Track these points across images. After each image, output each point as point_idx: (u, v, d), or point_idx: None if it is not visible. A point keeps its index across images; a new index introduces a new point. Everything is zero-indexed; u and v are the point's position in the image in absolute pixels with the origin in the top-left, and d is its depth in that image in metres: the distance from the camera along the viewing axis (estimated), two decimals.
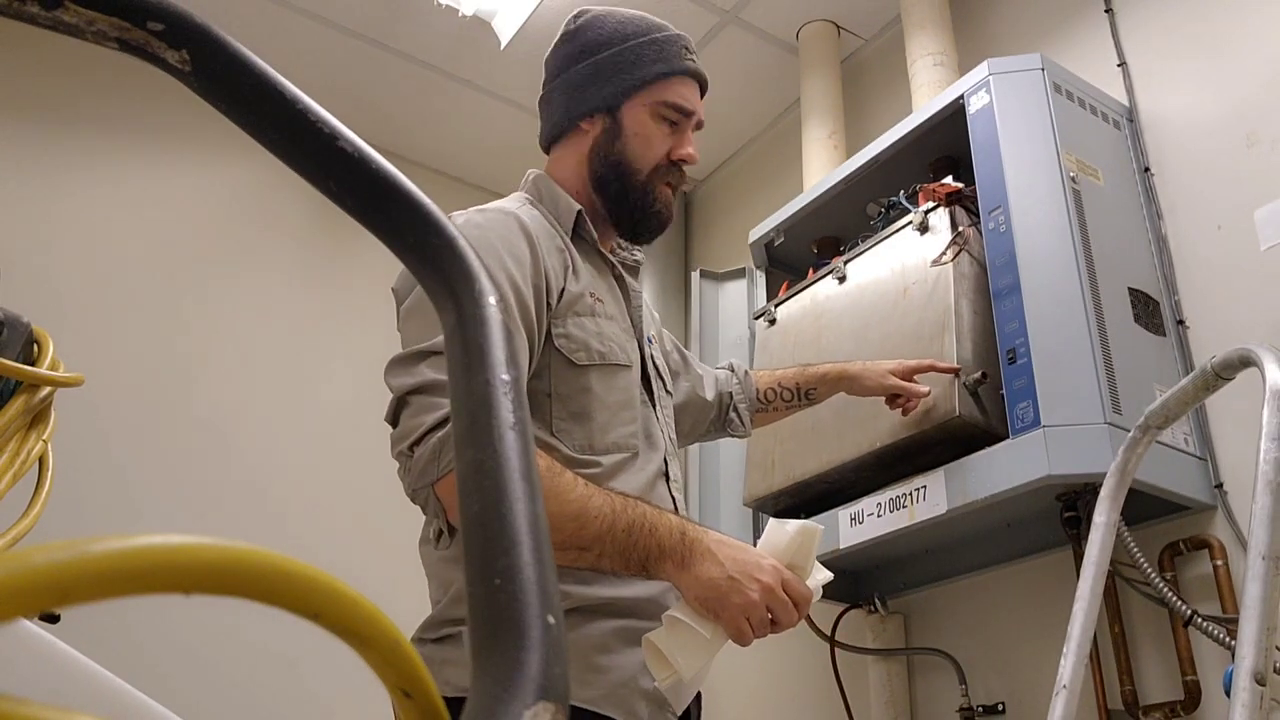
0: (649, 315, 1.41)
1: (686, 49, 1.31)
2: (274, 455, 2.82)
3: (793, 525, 1.06)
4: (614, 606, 1.11)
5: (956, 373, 1.71)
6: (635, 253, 1.39)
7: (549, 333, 1.16)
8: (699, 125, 1.33)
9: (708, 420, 1.58)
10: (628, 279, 1.34)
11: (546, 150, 1.36)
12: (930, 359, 1.71)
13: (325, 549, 2.65)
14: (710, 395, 1.56)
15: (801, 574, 1.05)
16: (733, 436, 1.65)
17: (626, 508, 1.03)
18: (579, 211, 1.27)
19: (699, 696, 1.21)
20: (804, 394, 1.64)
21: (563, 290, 1.18)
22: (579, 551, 1.01)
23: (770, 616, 1.01)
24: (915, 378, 1.66)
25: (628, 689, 1.08)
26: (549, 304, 1.16)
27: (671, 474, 1.26)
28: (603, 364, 1.19)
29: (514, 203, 1.25)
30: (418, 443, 1.03)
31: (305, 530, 2.71)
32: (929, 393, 1.69)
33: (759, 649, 1.08)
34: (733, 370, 1.65)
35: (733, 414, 1.60)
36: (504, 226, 1.17)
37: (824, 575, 1.08)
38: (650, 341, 1.34)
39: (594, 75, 1.29)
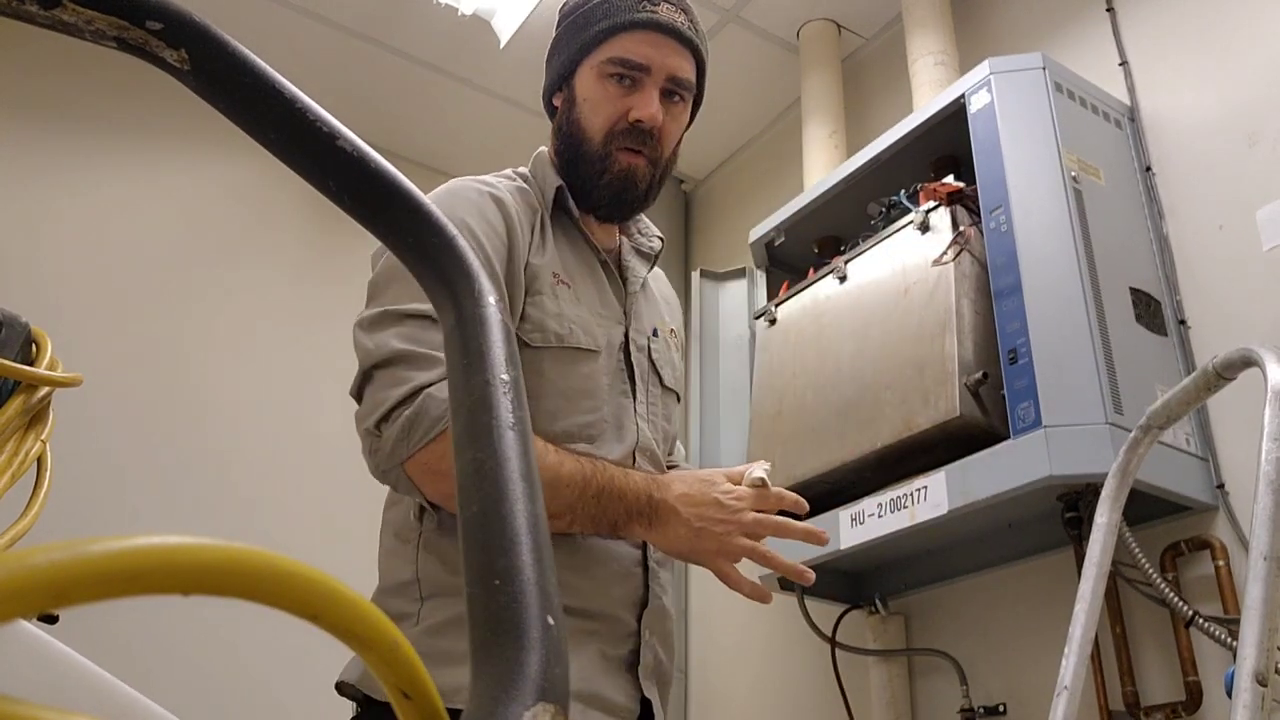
0: (661, 308, 1.34)
1: (649, 1, 1.19)
2: (273, 455, 2.82)
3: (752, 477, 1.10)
4: None
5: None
6: (653, 239, 1.33)
7: None
8: (677, 82, 1.19)
9: None
10: (631, 264, 1.27)
11: None
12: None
13: (325, 549, 2.64)
14: None
15: None
16: None
17: (596, 473, 1.01)
18: (559, 187, 1.21)
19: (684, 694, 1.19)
20: None
21: (526, 264, 1.13)
22: (551, 520, 0.96)
23: (749, 542, 1.04)
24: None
25: None
26: (522, 279, 1.12)
27: (640, 469, 1.16)
28: (559, 347, 1.12)
29: (504, 177, 1.22)
30: (384, 419, 0.99)
31: (304, 530, 2.71)
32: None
33: (759, 650, 1.09)
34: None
35: None
36: (476, 194, 1.13)
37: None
38: (655, 334, 1.27)
39: (555, 49, 1.25)
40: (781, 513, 1.13)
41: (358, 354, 1.04)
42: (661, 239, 1.35)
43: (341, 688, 1.07)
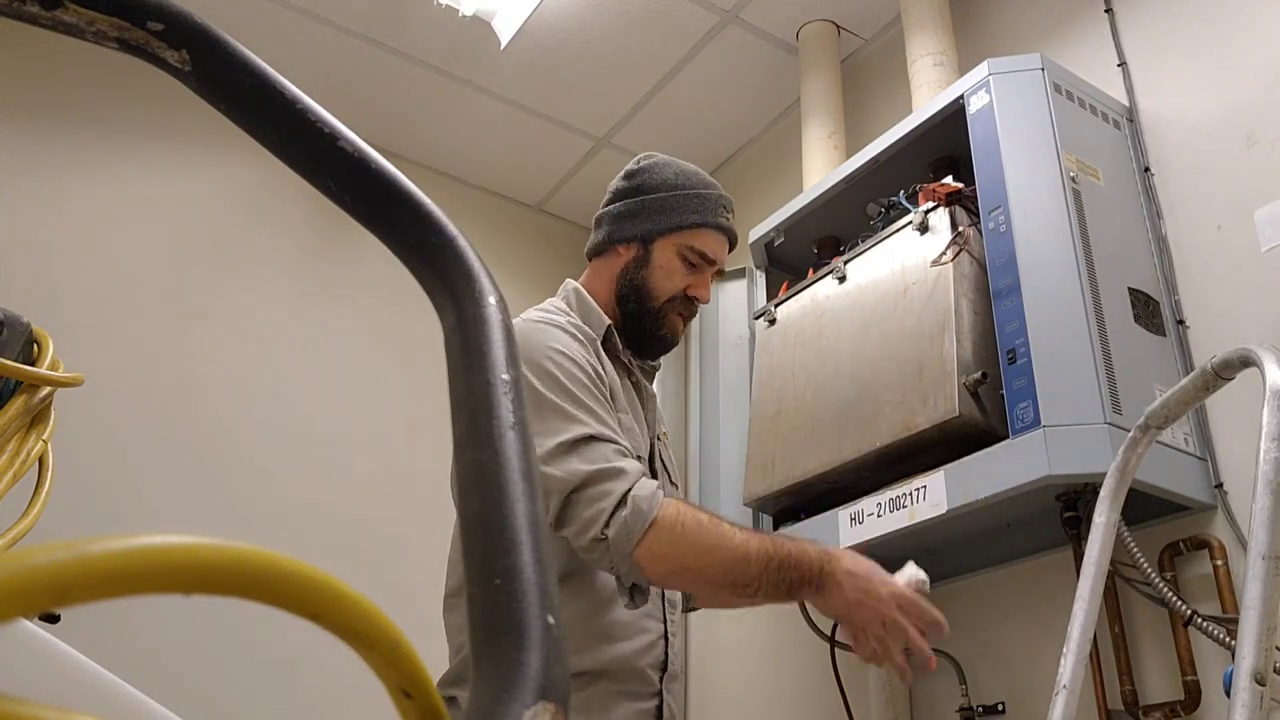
0: (658, 414, 1.55)
1: (725, 208, 1.50)
2: (275, 455, 2.82)
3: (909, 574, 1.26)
4: (600, 672, 1.24)
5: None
6: (655, 361, 1.55)
7: None
8: (720, 272, 1.52)
9: None
10: (643, 383, 1.50)
11: (589, 259, 1.54)
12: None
13: (325, 549, 2.64)
14: None
15: None
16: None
17: (776, 548, 1.19)
18: (609, 325, 1.44)
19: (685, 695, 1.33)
20: None
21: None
22: (741, 588, 1.18)
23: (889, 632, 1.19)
24: None
25: None
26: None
27: None
28: None
29: (556, 313, 1.42)
30: (606, 526, 1.17)
31: (305, 530, 2.71)
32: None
33: (758, 649, 1.10)
34: None
35: None
36: (562, 331, 1.34)
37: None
38: (659, 439, 1.48)
39: (639, 210, 1.48)
40: None
41: (549, 483, 1.21)
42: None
43: None
